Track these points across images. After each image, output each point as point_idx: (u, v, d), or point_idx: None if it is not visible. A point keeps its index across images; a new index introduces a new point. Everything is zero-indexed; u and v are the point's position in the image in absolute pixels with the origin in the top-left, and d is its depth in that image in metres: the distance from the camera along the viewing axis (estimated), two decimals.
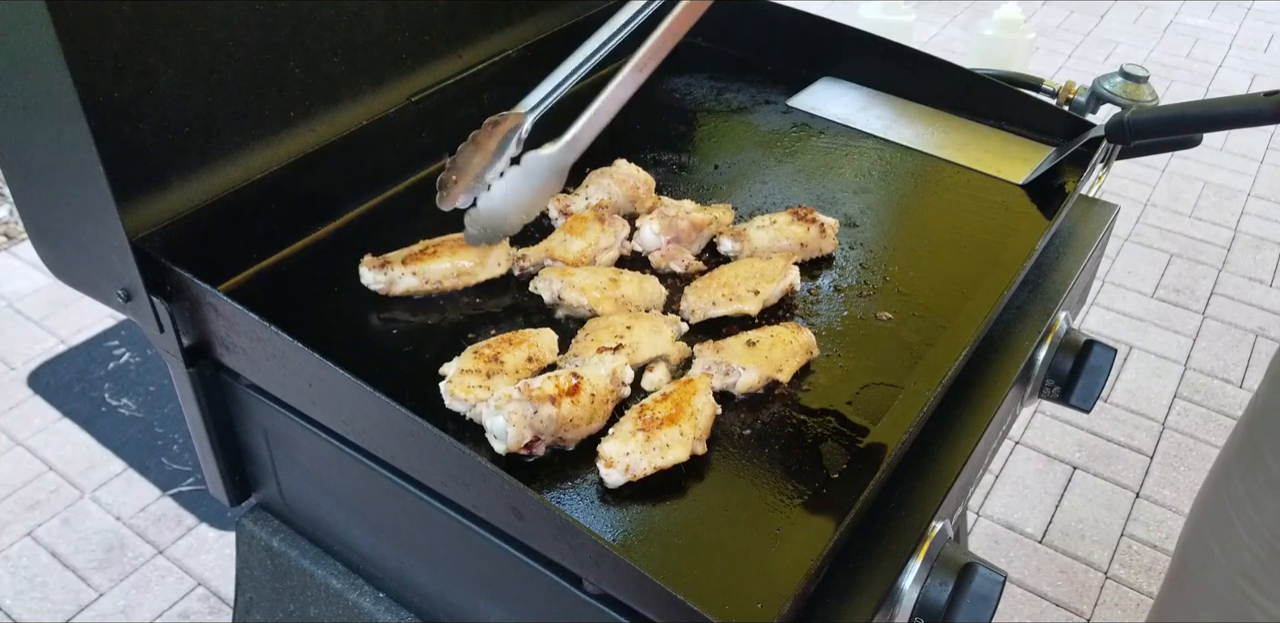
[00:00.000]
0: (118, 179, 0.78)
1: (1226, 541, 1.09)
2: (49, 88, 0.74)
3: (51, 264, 0.93)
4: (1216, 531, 1.12)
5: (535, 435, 0.81)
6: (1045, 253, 1.15)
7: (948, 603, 0.79)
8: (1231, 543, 1.08)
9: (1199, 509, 1.20)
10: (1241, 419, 1.14)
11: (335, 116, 1.07)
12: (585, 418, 0.83)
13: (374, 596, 1.01)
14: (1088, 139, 1.18)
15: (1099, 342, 1.08)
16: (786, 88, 1.41)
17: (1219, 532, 1.11)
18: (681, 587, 0.64)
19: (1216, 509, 1.12)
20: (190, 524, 2.11)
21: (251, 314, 0.80)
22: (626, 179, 1.12)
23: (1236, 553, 1.08)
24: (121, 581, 1.99)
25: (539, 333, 0.92)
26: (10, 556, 2.03)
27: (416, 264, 0.98)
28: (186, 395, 0.95)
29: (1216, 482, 1.15)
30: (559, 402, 0.81)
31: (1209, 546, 1.13)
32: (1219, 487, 1.13)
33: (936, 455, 0.89)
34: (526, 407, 0.80)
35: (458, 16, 1.18)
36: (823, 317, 1.01)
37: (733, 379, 0.90)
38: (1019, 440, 2.40)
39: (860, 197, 1.19)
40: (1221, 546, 1.10)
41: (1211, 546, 1.12)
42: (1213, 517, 1.13)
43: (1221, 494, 1.12)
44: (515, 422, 0.80)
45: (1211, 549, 1.12)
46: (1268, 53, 4.34)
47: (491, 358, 0.88)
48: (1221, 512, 1.11)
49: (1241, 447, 1.10)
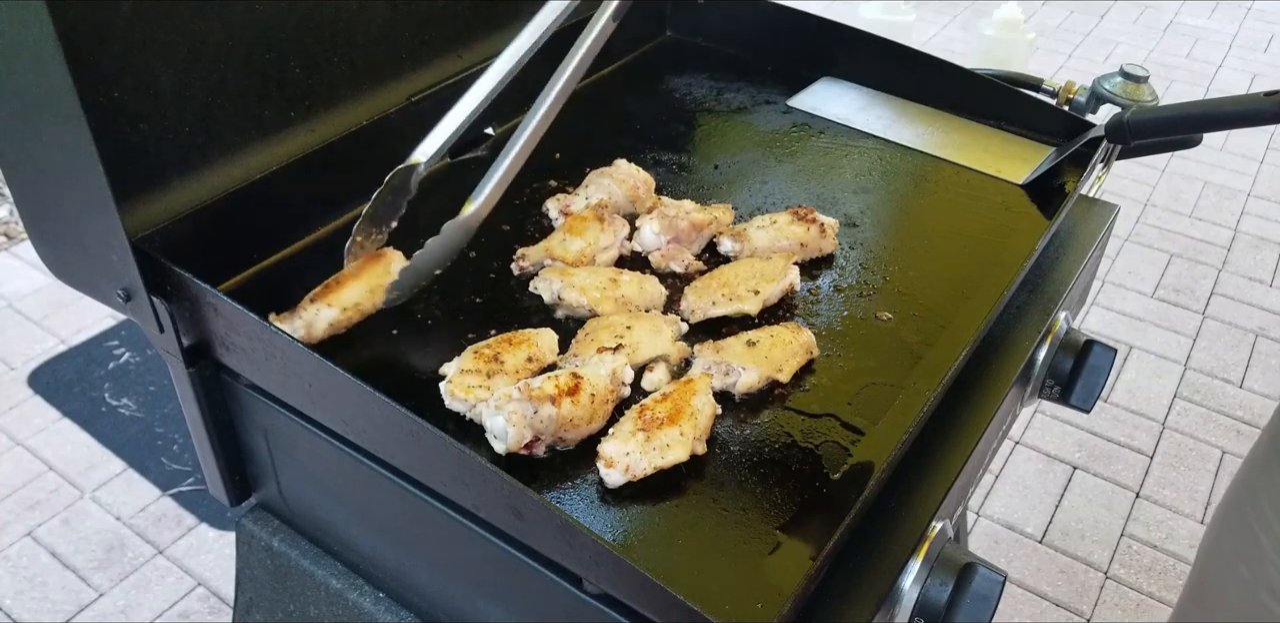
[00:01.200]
0: (118, 179, 0.78)
1: (1250, 556, 1.08)
2: (49, 88, 0.74)
3: (51, 264, 0.93)
4: (1239, 545, 1.11)
5: (535, 435, 0.81)
6: (1045, 253, 1.15)
7: (948, 603, 0.79)
8: (1256, 558, 1.08)
9: (1220, 522, 1.19)
10: (1264, 433, 1.13)
11: (335, 116, 1.07)
12: (585, 418, 0.83)
13: (374, 596, 1.01)
14: (1088, 139, 1.18)
15: (1099, 342, 1.08)
16: (786, 88, 1.41)
17: (1242, 546, 1.10)
18: (681, 587, 0.64)
19: (1240, 524, 1.12)
20: (190, 524, 2.11)
21: (251, 314, 0.80)
22: (626, 179, 1.12)
23: (1260, 568, 1.07)
24: (121, 581, 1.99)
25: (539, 333, 0.92)
26: (10, 556, 2.03)
27: (328, 297, 0.94)
28: (186, 395, 0.95)
29: (1239, 495, 1.14)
30: (559, 402, 0.81)
31: (1231, 560, 1.12)
32: (1242, 501, 1.13)
33: (936, 455, 0.89)
34: (526, 407, 0.80)
35: (458, 16, 1.18)
36: (823, 317, 1.01)
37: (733, 379, 0.90)
38: (1019, 440, 2.40)
39: (860, 197, 1.19)
40: (1245, 561, 1.09)
41: (1234, 560, 1.11)
42: (1235, 531, 1.13)
43: (1245, 509, 1.11)
44: (515, 422, 0.80)
45: (1234, 564, 1.11)
46: (1268, 53, 4.34)
47: (491, 358, 0.88)
48: (1245, 526, 1.10)
49: (1266, 462, 1.09)
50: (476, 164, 1.21)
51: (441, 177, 1.19)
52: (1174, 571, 2.12)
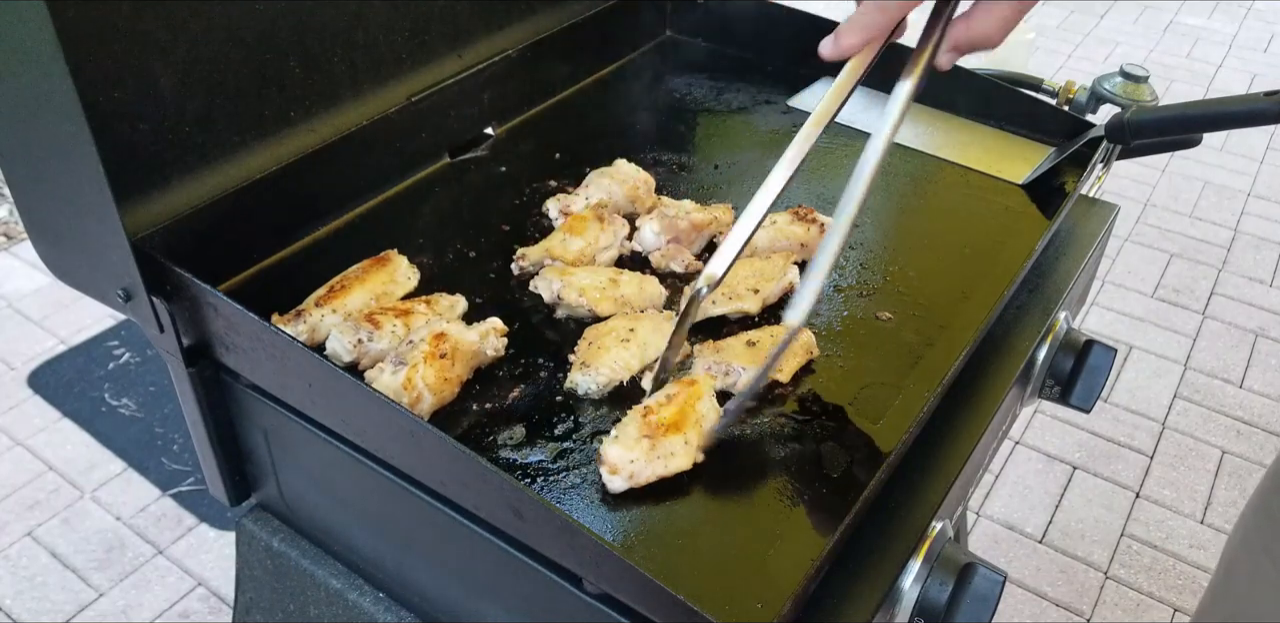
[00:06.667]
0: (118, 179, 0.78)
1: (1278, 554, 1.09)
2: (49, 88, 0.74)
3: (51, 264, 0.93)
4: (1267, 544, 1.11)
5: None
6: (1045, 253, 1.15)
7: (948, 603, 0.79)
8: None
9: (1247, 522, 1.18)
10: None
11: (335, 116, 1.07)
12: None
13: (374, 596, 1.01)
14: (1088, 139, 1.18)
15: (1099, 342, 1.08)
16: (786, 88, 1.41)
17: (1270, 545, 1.10)
18: (682, 587, 0.64)
19: (1267, 522, 1.11)
20: (190, 524, 2.11)
21: (251, 314, 0.80)
22: (626, 179, 1.12)
23: None
24: (121, 581, 1.99)
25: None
26: (10, 556, 2.03)
27: (333, 302, 0.94)
28: (186, 395, 0.95)
29: (1266, 496, 1.14)
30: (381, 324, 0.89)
31: (1258, 558, 1.12)
32: (1270, 500, 1.12)
33: (936, 455, 0.89)
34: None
35: (458, 16, 1.18)
36: (823, 317, 1.01)
37: (733, 379, 0.89)
38: (1019, 440, 2.40)
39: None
40: (1273, 559, 1.09)
41: (1261, 558, 1.11)
42: (1262, 530, 1.12)
43: (1273, 508, 1.11)
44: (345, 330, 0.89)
45: (1260, 562, 1.11)
46: (1268, 53, 4.34)
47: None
48: (1272, 525, 1.10)
49: None
50: (476, 164, 1.22)
51: (442, 176, 1.19)
52: (1174, 571, 2.12)
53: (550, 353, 0.95)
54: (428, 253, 1.05)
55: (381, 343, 0.90)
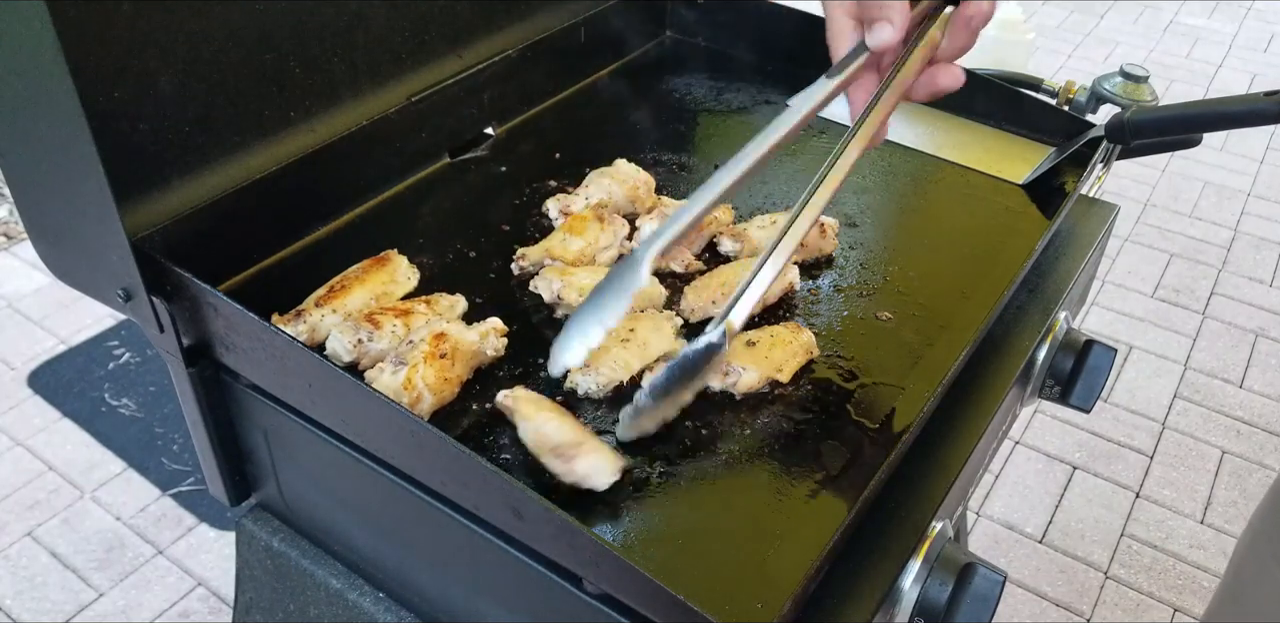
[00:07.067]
0: (118, 179, 0.78)
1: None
2: (49, 88, 0.74)
3: (51, 264, 0.93)
4: (1276, 550, 1.11)
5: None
6: (1045, 253, 1.15)
7: (948, 603, 0.79)
8: None
9: (1257, 524, 1.18)
10: None
11: (335, 116, 1.07)
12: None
13: (374, 596, 1.01)
14: (1088, 139, 1.18)
15: (1099, 342, 1.08)
16: (786, 88, 1.41)
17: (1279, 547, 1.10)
18: (681, 587, 0.64)
19: (1276, 528, 1.11)
20: (190, 524, 2.11)
21: (251, 314, 0.80)
22: (626, 179, 1.12)
23: None
24: (121, 581, 2.00)
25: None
26: (10, 556, 2.03)
27: (333, 302, 0.94)
28: (186, 395, 0.95)
29: (1277, 500, 1.14)
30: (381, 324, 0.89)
31: (1266, 561, 1.12)
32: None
33: (936, 456, 0.89)
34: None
35: (458, 16, 1.18)
36: (823, 317, 1.01)
37: (733, 379, 0.90)
38: (1019, 440, 2.40)
39: (860, 197, 1.19)
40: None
41: (1269, 561, 1.11)
42: (1272, 532, 1.13)
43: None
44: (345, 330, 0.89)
45: (1268, 564, 1.11)
46: (1268, 53, 4.34)
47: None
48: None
49: None
50: (476, 164, 1.22)
51: (442, 176, 1.19)
52: (1174, 571, 2.12)
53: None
54: (428, 253, 1.05)
55: (381, 343, 0.90)
